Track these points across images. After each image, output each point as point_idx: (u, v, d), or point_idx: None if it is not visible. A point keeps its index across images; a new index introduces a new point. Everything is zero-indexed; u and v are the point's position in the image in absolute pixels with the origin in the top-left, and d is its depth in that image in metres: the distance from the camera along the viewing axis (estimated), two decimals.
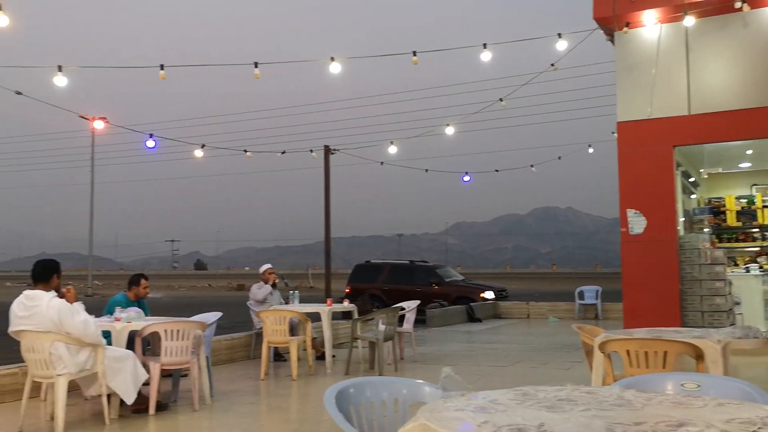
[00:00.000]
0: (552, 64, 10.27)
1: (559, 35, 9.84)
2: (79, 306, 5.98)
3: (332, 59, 8.42)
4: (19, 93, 7.99)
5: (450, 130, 12.82)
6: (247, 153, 12.56)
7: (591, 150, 17.66)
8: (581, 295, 19.39)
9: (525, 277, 77.60)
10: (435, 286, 20.36)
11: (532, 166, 17.26)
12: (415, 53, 8.42)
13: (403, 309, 10.35)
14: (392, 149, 13.64)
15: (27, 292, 5.92)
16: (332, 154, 13.08)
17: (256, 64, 8.12)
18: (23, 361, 6.14)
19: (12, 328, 5.86)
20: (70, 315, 5.77)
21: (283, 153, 13.04)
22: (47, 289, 5.93)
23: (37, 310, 5.75)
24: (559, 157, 17.33)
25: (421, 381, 3.11)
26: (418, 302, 11.06)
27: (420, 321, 12.32)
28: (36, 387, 6.76)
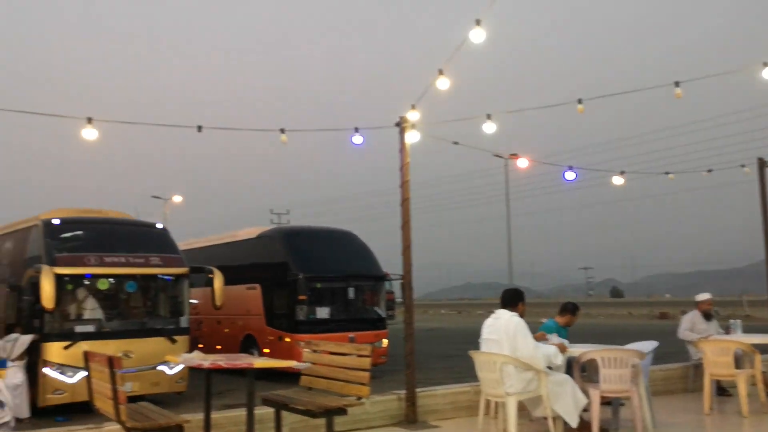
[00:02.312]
0: None
1: None
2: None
3: (765, 64, 7.61)
4: (456, 143, 9.09)
5: None
6: (669, 175, 12.00)
7: None
8: None
9: None
10: None
11: None
12: None
13: None
14: None
15: (496, 311, 6.70)
16: None
17: (677, 84, 7.81)
18: (471, 381, 6.89)
19: (480, 346, 6.67)
20: (524, 335, 6.33)
21: (709, 171, 12.13)
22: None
23: (499, 323, 6.47)
24: None
25: None
26: None
27: None
28: (486, 404, 7.45)
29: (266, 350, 14.80)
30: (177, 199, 45.77)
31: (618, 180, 11.45)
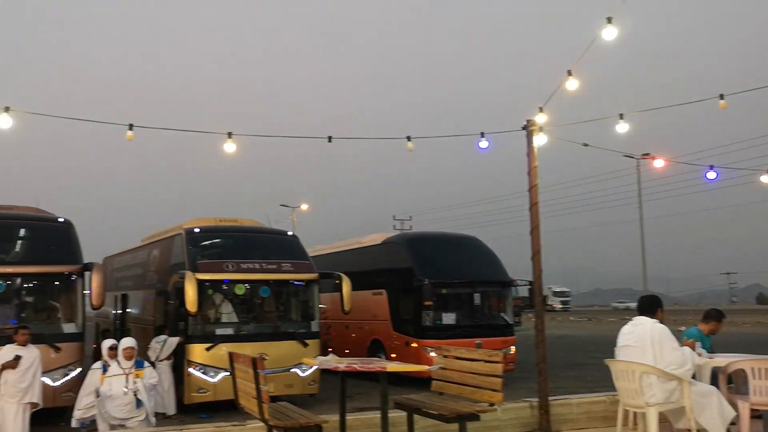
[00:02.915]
0: None
1: None
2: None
3: None
4: (586, 144, 8.85)
5: None
6: None
7: None
8: None
9: None
10: None
11: None
12: None
13: None
14: None
15: (634, 318, 6.45)
16: None
17: None
18: (604, 390, 6.64)
19: (616, 354, 6.44)
20: (670, 341, 6.05)
21: None
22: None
23: (639, 330, 6.20)
24: None
25: None
26: None
27: None
28: (624, 414, 7.17)
29: (393, 355, 14.99)
30: (304, 206, 47.40)
31: (766, 179, 10.68)
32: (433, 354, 12.46)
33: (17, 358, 7.95)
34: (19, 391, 7.99)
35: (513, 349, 15.06)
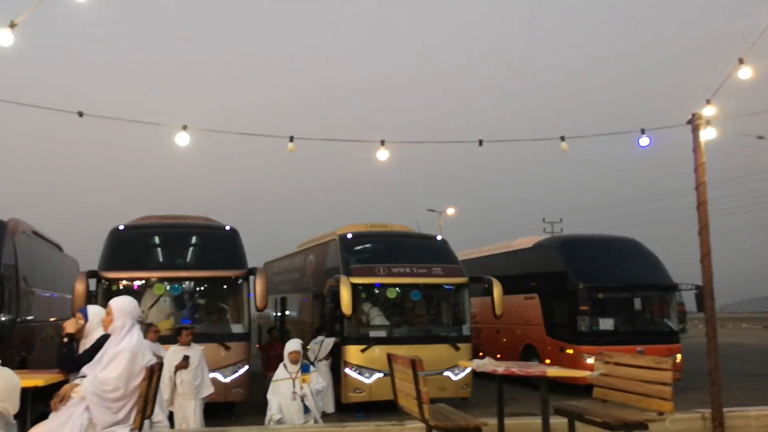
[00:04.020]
0: None
1: None
2: None
3: None
4: (760, 137, 8.20)
5: None
6: None
7: None
8: None
9: None
10: None
11: None
12: None
13: None
14: None
15: None
16: None
17: None
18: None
19: None
20: None
21: None
22: None
23: None
24: None
25: None
26: None
27: None
28: None
29: (547, 360, 14.62)
30: (450, 211, 47.40)
31: None
32: (590, 360, 12.06)
33: (186, 358, 8.54)
34: (194, 389, 8.61)
35: (679, 357, 14.15)
